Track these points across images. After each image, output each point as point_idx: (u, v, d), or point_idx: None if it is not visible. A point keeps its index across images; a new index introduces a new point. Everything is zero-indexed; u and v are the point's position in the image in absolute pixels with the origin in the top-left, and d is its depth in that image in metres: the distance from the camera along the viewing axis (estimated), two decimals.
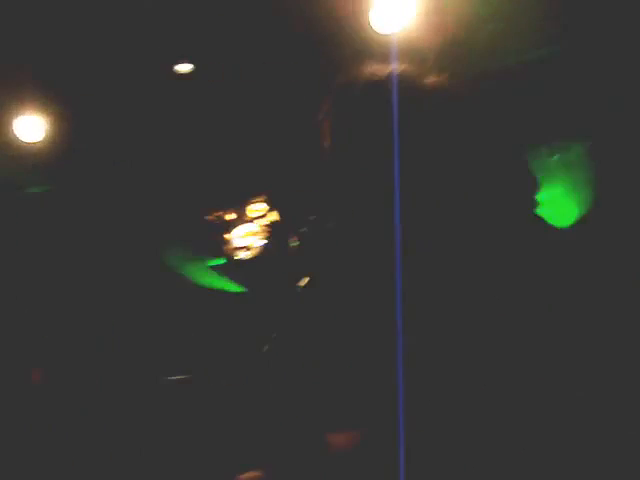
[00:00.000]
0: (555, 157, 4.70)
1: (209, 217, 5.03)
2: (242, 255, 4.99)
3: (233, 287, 4.93)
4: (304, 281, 1.43)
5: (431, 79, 1.50)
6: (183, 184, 5.00)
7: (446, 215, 1.36)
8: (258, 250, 5.00)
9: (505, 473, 1.40)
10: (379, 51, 4.32)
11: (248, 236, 5.05)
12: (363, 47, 4.51)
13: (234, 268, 4.96)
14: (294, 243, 4.40)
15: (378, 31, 4.55)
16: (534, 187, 1.55)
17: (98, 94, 4.80)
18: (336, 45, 4.51)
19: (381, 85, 1.44)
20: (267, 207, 5.05)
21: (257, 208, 5.11)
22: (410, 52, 4.21)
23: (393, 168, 1.41)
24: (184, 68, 4.86)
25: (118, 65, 4.66)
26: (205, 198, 5.07)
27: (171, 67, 4.83)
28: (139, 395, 4.58)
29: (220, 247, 5.02)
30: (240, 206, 5.08)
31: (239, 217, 5.07)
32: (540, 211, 1.51)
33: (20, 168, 4.87)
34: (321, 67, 4.71)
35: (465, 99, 1.56)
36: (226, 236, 5.03)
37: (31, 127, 4.88)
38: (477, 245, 1.38)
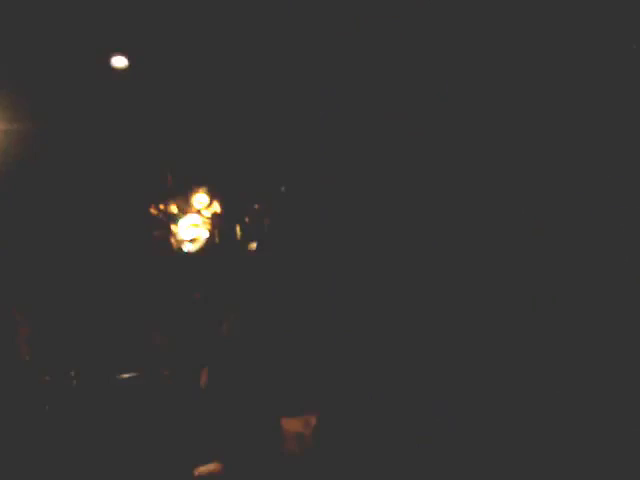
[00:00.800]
0: None
1: (152, 210, 5.05)
2: (188, 247, 5.04)
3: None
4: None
5: None
6: (123, 178, 5.01)
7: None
8: (203, 242, 5.06)
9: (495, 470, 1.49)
10: None
11: (192, 228, 5.10)
12: None
13: (181, 260, 5.01)
14: (239, 233, 4.45)
15: None
16: None
17: None
18: None
19: None
20: (210, 198, 5.10)
21: (200, 199, 5.15)
22: None
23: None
24: (118, 63, 4.85)
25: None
26: (147, 191, 5.09)
27: (106, 62, 4.83)
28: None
29: (165, 240, 5.06)
30: (183, 198, 5.11)
31: (183, 209, 5.11)
32: None
33: None
34: None
35: None
36: (171, 228, 5.07)
37: None
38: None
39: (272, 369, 4.32)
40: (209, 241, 5.02)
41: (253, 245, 4.82)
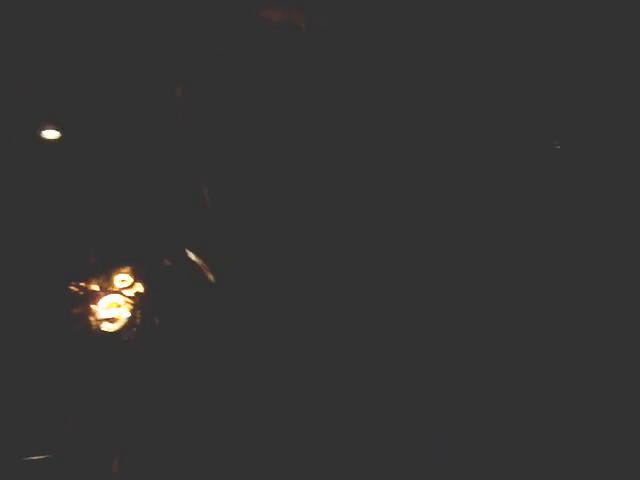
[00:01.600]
0: None
1: (73, 288, 4.90)
2: (107, 327, 4.88)
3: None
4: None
5: None
6: (46, 254, 4.88)
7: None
8: (123, 322, 4.92)
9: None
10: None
11: (114, 307, 4.96)
12: None
13: (99, 339, 4.85)
14: (159, 313, 4.37)
15: None
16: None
17: None
18: None
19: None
20: (132, 278, 4.99)
21: (122, 279, 5.03)
22: None
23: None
24: (50, 135, 4.79)
25: None
26: (69, 269, 4.96)
27: (36, 133, 4.77)
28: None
29: (84, 318, 4.90)
30: (105, 277, 4.99)
31: (104, 288, 4.97)
32: None
33: None
34: None
35: None
36: (91, 307, 4.92)
37: None
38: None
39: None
40: (130, 321, 4.89)
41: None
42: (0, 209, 4.76)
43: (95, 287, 4.99)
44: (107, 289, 4.98)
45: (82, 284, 4.98)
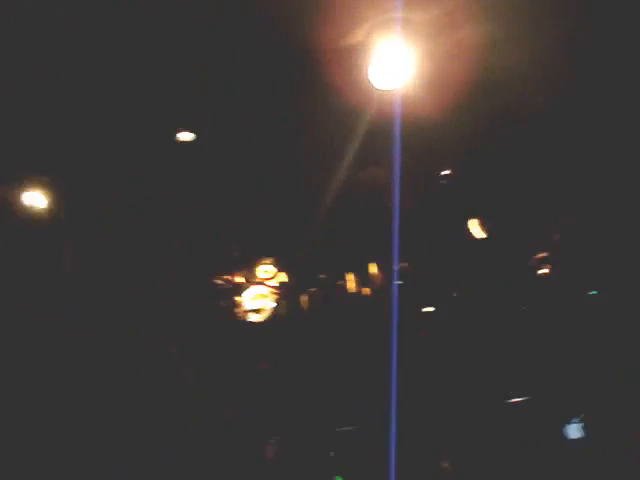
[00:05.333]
0: None
1: (218, 281, 5.06)
2: (253, 318, 5.06)
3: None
4: None
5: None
6: (192, 248, 5.01)
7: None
8: (269, 312, 5.08)
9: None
10: (378, 106, 4.34)
11: (259, 298, 5.11)
12: (362, 102, 4.51)
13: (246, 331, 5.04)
14: (304, 303, 4.49)
15: (377, 86, 4.51)
16: None
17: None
18: (336, 101, 4.51)
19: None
20: (276, 268, 5.10)
21: (266, 270, 5.14)
22: (410, 108, 4.24)
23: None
24: (186, 137, 4.81)
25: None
26: (214, 262, 5.10)
27: (174, 135, 4.79)
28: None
29: (231, 310, 5.08)
30: (249, 268, 5.11)
31: (248, 279, 5.11)
32: None
33: None
34: (322, 122, 4.72)
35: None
36: (236, 299, 5.08)
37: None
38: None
39: None
40: (275, 312, 5.04)
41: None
42: (149, 206, 4.87)
43: (240, 279, 5.13)
44: (251, 281, 5.11)
45: (227, 277, 5.12)
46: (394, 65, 4.31)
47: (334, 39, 4.02)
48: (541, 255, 5.00)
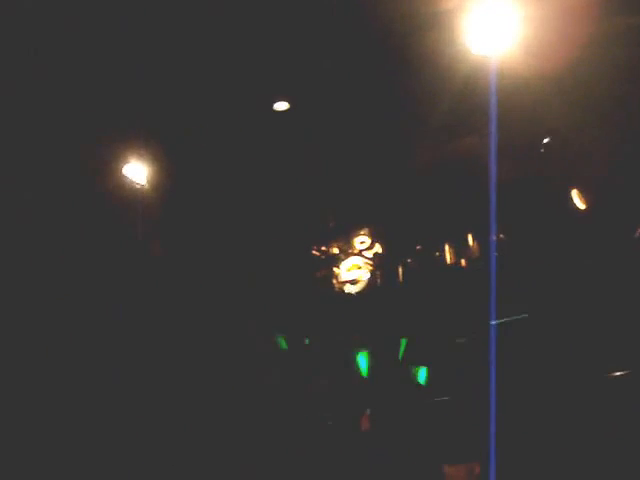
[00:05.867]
0: None
1: (315, 252, 5.10)
2: (350, 289, 5.08)
3: None
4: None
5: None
6: (286, 220, 5.06)
7: None
8: (365, 283, 5.08)
9: None
10: (474, 71, 4.26)
11: (355, 269, 5.12)
12: (458, 66, 4.45)
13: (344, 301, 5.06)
14: (400, 274, 4.46)
15: (476, 52, 4.43)
16: None
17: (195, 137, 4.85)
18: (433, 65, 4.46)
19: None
20: (371, 239, 5.10)
21: (362, 241, 5.15)
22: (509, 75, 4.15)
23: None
24: (281, 106, 4.84)
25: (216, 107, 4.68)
26: (310, 233, 5.13)
27: (269, 105, 4.82)
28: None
29: (328, 281, 5.11)
30: (345, 239, 5.13)
31: (345, 250, 5.13)
32: None
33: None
34: (418, 90, 4.67)
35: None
36: (334, 270, 5.11)
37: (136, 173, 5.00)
38: None
39: (437, 415, 4.39)
40: (371, 282, 5.04)
41: None
42: (244, 177, 4.94)
43: (336, 250, 5.15)
44: (347, 252, 5.12)
45: (323, 248, 5.16)
46: (492, 30, 4.23)
47: (431, 3, 3.98)
48: None
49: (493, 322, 3.72)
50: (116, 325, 4.92)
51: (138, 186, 4.98)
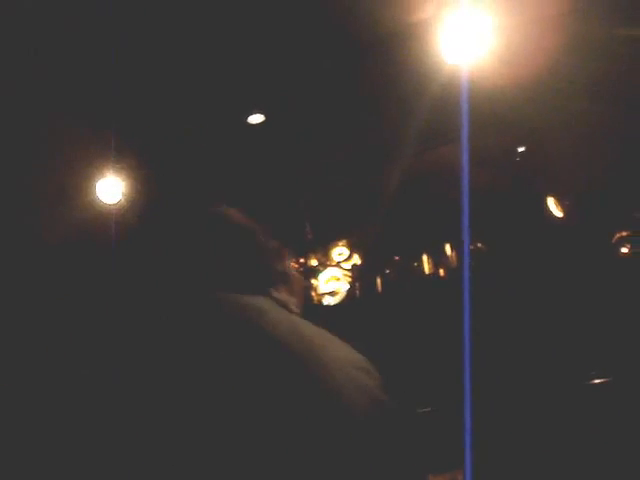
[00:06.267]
0: None
1: (293, 264, 5.07)
2: (328, 300, 5.06)
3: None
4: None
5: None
6: (264, 232, 5.03)
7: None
8: (344, 294, 5.07)
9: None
10: (448, 81, 4.28)
11: (333, 281, 5.11)
12: (432, 76, 4.46)
13: (321, 313, 5.04)
14: (379, 285, 4.45)
15: (448, 60, 4.46)
16: None
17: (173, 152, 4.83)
18: (406, 75, 4.48)
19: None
20: (350, 251, 5.09)
21: (340, 252, 5.14)
22: (483, 85, 4.16)
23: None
24: (255, 119, 4.83)
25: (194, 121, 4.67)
26: (288, 245, 5.10)
27: (244, 119, 4.82)
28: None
29: (306, 293, 5.09)
30: (323, 251, 5.12)
31: (323, 262, 5.12)
32: None
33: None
34: (392, 100, 4.68)
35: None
36: (311, 282, 5.09)
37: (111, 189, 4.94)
38: None
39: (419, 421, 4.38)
40: (350, 294, 5.03)
41: None
42: (219, 190, 4.91)
43: (314, 262, 5.14)
44: (325, 263, 5.11)
45: (301, 260, 5.14)
46: (465, 39, 4.25)
47: (404, 14, 3.99)
48: (622, 234, 4.88)
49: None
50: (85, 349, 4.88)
51: (112, 203, 4.94)
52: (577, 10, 4.01)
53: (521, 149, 4.97)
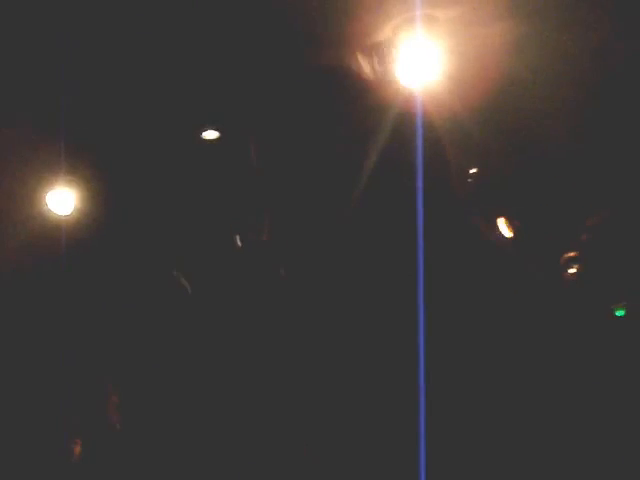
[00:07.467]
0: None
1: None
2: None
3: None
4: None
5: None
6: (215, 246, 5.03)
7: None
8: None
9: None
10: (404, 105, 4.33)
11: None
12: (387, 101, 4.51)
13: None
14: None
15: (403, 85, 4.51)
16: None
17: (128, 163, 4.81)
18: (358, 98, 4.51)
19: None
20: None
21: None
22: (436, 107, 4.23)
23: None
24: (210, 135, 4.84)
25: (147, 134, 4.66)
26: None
27: (198, 134, 4.82)
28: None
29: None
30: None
31: None
32: None
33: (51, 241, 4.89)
34: (343, 121, 4.71)
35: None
36: None
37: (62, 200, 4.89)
38: None
39: None
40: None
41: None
42: (172, 206, 4.91)
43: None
44: None
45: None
46: (420, 63, 4.32)
47: (359, 37, 4.03)
48: (569, 255, 4.97)
49: None
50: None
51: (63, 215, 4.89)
52: (530, 35, 4.09)
53: (473, 170, 5.04)
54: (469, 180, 5.02)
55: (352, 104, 4.48)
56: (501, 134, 4.80)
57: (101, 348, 5.06)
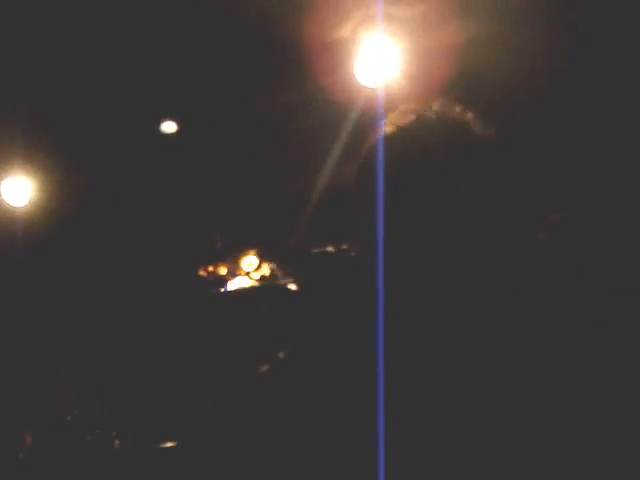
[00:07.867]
0: None
1: (202, 272, 5.09)
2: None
3: None
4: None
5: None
6: (172, 240, 5.04)
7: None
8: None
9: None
10: (365, 104, 4.36)
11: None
12: (348, 100, 4.55)
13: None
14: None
15: (363, 84, 4.54)
16: None
17: (86, 154, 4.78)
18: (321, 99, 4.55)
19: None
20: (259, 261, 5.13)
21: (250, 262, 5.18)
22: (396, 105, 4.27)
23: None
24: (169, 128, 4.83)
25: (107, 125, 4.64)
26: (197, 253, 5.12)
27: (157, 126, 4.81)
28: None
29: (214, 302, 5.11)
30: (233, 260, 5.14)
31: (232, 272, 5.14)
32: None
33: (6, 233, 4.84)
34: (307, 121, 4.75)
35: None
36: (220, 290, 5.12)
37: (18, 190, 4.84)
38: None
39: None
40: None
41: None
42: (129, 199, 4.90)
43: (223, 271, 5.16)
44: (235, 273, 5.14)
45: (210, 269, 5.15)
46: (379, 62, 4.35)
47: (318, 35, 4.06)
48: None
49: None
50: None
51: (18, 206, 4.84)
52: (487, 37, 4.13)
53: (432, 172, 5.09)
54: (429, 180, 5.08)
55: (312, 103, 4.52)
56: (460, 132, 4.85)
57: (52, 340, 5.04)
